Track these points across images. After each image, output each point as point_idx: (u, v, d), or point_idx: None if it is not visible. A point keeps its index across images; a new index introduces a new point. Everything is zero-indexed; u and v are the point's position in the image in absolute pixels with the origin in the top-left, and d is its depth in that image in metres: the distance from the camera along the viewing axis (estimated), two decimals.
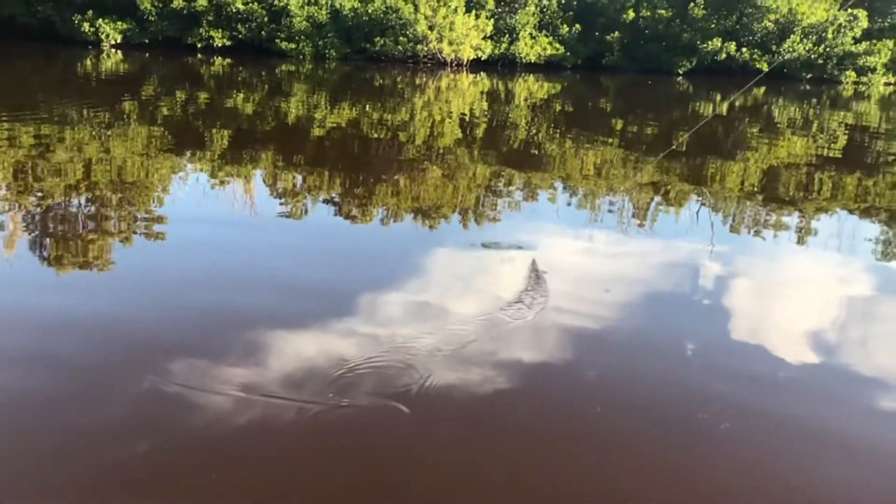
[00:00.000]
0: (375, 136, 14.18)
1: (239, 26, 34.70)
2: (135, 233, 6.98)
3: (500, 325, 5.00)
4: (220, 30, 34.69)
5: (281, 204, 8.60)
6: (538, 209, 8.68)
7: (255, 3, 34.63)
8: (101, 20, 34.07)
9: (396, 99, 21.60)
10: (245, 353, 4.44)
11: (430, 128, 15.64)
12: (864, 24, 33.90)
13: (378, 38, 33.54)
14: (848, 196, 10.39)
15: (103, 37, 34.06)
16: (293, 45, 33.88)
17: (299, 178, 9.99)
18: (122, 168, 9.73)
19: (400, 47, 33.19)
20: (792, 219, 8.87)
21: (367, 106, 18.89)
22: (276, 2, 34.39)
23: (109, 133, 12.31)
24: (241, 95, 19.80)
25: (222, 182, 9.52)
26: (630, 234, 7.70)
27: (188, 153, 11.22)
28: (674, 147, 13.39)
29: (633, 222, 8.27)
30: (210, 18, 34.63)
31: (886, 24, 34.93)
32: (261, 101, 19.14)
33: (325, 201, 8.74)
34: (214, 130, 13.51)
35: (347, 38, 34.50)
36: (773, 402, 4.21)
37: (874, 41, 34.27)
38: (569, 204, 9.24)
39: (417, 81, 27.39)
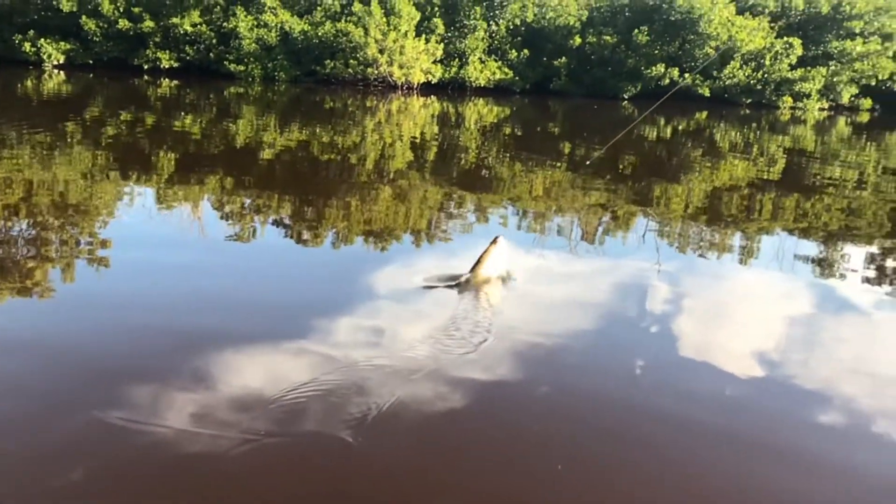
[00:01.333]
0: (326, 158, 14.14)
1: (187, 48, 34.36)
2: (77, 257, 6.81)
3: (449, 348, 5.00)
4: (167, 51, 34.29)
5: (229, 227, 8.50)
6: (489, 231, 8.75)
7: (204, 26, 34.36)
8: (42, 40, 33.38)
9: (347, 121, 21.60)
10: (187, 381, 4.35)
11: (381, 150, 15.67)
12: (799, 51, 35.23)
13: (328, 61, 33.55)
14: (787, 217, 10.73)
15: (45, 57, 33.35)
16: (242, 67, 33.66)
17: (248, 200, 9.89)
18: (64, 191, 9.50)
19: (350, 70, 33.24)
20: (734, 239, 9.12)
21: (318, 128, 18.83)
22: (224, 24, 34.18)
23: (51, 155, 12.01)
24: (189, 117, 19.56)
25: (169, 205, 9.36)
26: (579, 253, 7.81)
27: (134, 176, 11.01)
28: (591, 160, 13.71)
29: (582, 243, 8.39)
30: (157, 40, 34.23)
31: (820, 52, 36.36)
32: (209, 123, 18.93)
33: (275, 224, 8.67)
34: (161, 153, 13.30)
35: (297, 61, 34.43)
36: (718, 418, 4.30)
37: (809, 68, 35.63)
38: (518, 226, 9.34)
39: (368, 104, 27.44)
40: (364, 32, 32.63)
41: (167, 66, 34.29)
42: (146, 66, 34.30)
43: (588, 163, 14.24)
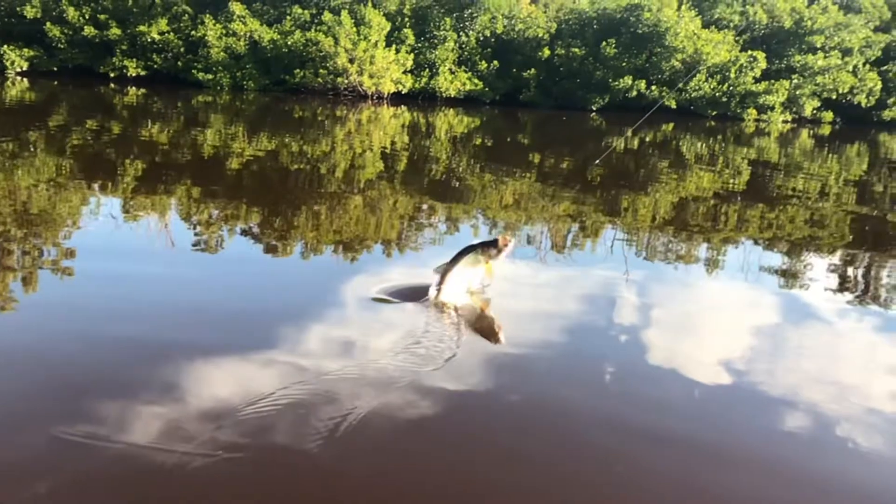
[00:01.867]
0: (295, 167, 14.07)
1: (154, 56, 34.03)
2: (40, 267, 6.68)
3: (417, 360, 4.98)
4: (134, 59, 33.93)
5: (197, 236, 8.40)
6: (459, 240, 8.76)
7: (172, 34, 34.07)
8: (5, 46, 32.84)
9: (317, 131, 21.52)
10: (152, 393, 4.27)
11: (351, 160, 15.63)
12: (763, 65, 35.92)
13: (298, 70, 33.43)
14: (752, 227, 10.90)
15: (8, 64, 32.80)
16: (210, 76, 33.40)
17: (216, 210, 9.79)
18: (27, 200, 9.33)
19: (320, 79, 33.16)
20: (701, 248, 9.24)
21: (287, 137, 18.74)
22: (193, 32, 33.93)
23: (13, 164, 11.79)
24: (157, 126, 19.34)
25: (135, 215, 9.24)
26: (548, 263, 7.85)
27: (100, 185, 10.85)
28: (599, 160, 13.91)
29: (552, 252, 8.44)
30: (124, 48, 33.86)
31: (783, 65, 37.11)
32: (177, 132, 18.73)
33: (243, 233, 8.59)
34: (128, 162, 13.12)
35: (266, 70, 34.26)
36: (687, 427, 4.35)
37: (772, 81, 36.33)
38: (489, 236, 9.36)
39: (338, 113, 27.38)
40: (334, 42, 32.59)
41: (134, 75, 33.92)
42: (112, 74, 33.89)
43: (597, 162, 15.03)
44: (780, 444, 4.24)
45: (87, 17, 33.87)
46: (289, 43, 33.50)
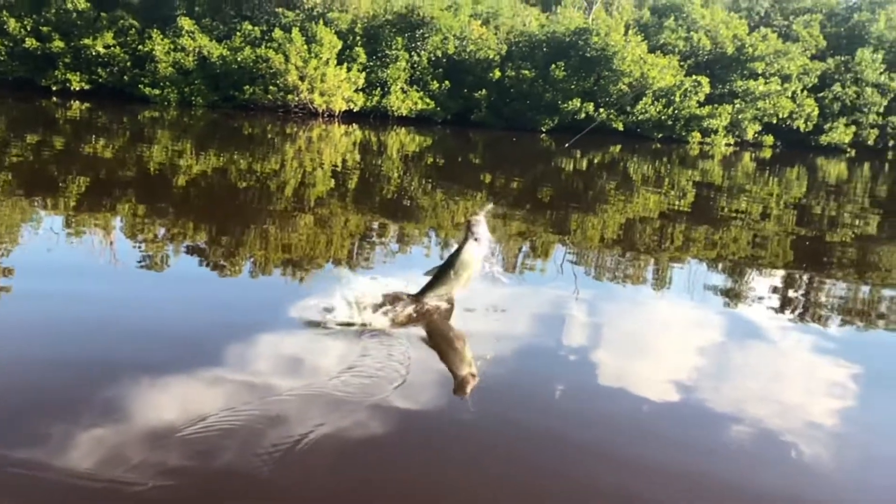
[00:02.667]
0: (244, 185, 13.88)
1: (99, 70, 33.33)
2: None
3: (366, 381, 4.92)
4: (77, 73, 33.16)
5: (142, 254, 8.19)
6: (409, 260, 8.74)
7: (118, 48, 33.43)
8: None
9: (266, 148, 21.30)
10: (92, 417, 4.14)
11: (301, 177, 15.50)
12: (707, 89, 36.91)
13: (247, 87, 33.10)
14: (697, 247, 11.13)
15: None
16: (157, 91, 32.83)
17: (162, 228, 9.58)
18: None
19: (270, 96, 32.87)
20: (648, 268, 9.39)
21: (236, 154, 18.50)
22: (140, 47, 33.34)
23: None
24: (101, 141, 18.90)
25: (78, 232, 8.98)
26: (499, 282, 7.86)
27: (40, 201, 10.52)
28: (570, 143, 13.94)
29: (502, 271, 8.45)
30: (67, 61, 33.07)
31: (726, 90, 38.19)
32: (122, 147, 18.33)
33: (190, 251, 8.42)
34: (70, 178, 12.77)
35: (215, 86, 33.84)
36: (636, 446, 4.38)
37: (716, 105, 37.35)
38: (441, 255, 9.35)
39: (288, 131, 27.17)
40: (284, 59, 32.38)
41: (77, 88, 33.13)
42: (55, 88, 33.06)
43: (567, 145, 15.44)
44: (725, 461, 4.29)
45: (28, 28, 33.03)
46: (238, 59, 33.17)
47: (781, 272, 9.68)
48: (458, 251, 6.16)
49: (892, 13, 42.16)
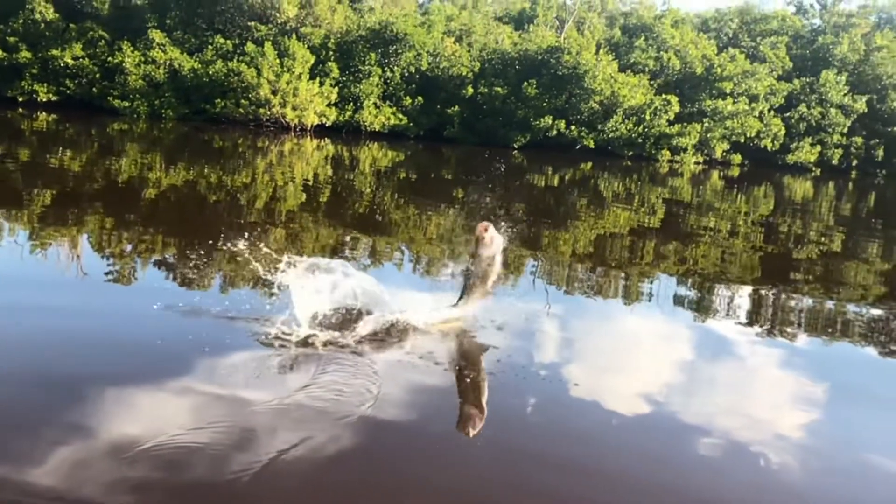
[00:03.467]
0: (214, 198, 13.74)
1: (67, 81, 32.93)
2: None
3: (338, 395, 4.86)
4: (45, 84, 32.73)
5: (110, 266, 8.05)
6: (383, 273, 8.68)
7: (87, 59, 33.08)
8: None
9: (237, 161, 21.14)
10: (58, 431, 4.03)
11: (273, 191, 15.39)
12: (676, 108, 37.45)
13: (219, 100, 32.90)
14: (667, 262, 11.22)
15: None
16: (127, 104, 32.50)
17: (130, 241, 9.43)
18: None
19: (241, 110, 32.69)
20: (619, 282, 9.43)
21: (206, 168, 18.33)
22: (109, 59, 33.01)
23: None
24: (69, 153, 18.61)
25: (45, 244, 8.80)
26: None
27: (5, 213, 10.30)
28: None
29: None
30: (34, 72, 32.64)
31: (695, 109, 38.77)
32: (90, 159, 18.07)
33: (158, 265, 8.28)
34: (37, 190, 12.54)
35: (186, 99, 33.59)
36: (608, 460, 4.37)
37: (685, 124, 37.88)
38: (414, 270, 9.32)
39: (259, 144, 27.02)
40: (257, 73, 32.25)
41: (45, 100, 32.68)
42: (21, 99, 32.57)
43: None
44: (695, 474, 4.30)
45: None
46: (210, 72, 32.98)
47: (749, 288, 9.79)
48: (477, 259, 6.31)
49: (855, 37, 43.20)
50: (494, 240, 6.21)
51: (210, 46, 34.39)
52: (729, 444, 4.69)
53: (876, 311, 8.97)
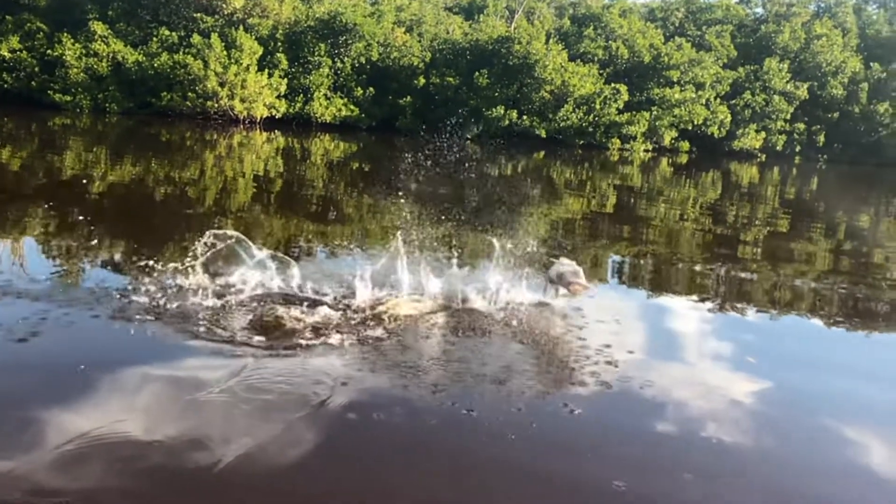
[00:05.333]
0: (162, 192, 13.43)
1: (4, 75, 31.82)
2: None
3: (291, 387, 4.80)
4: None
5: (55, 267, 7.79)
6: (338, 265, 8.59)
7: (25, 52, 32.01)
8: None
9: (185, 155, 20.70)
10: None
11: (222, 185, 15.11)
12: (626, 97, 37.94)
13: (165, 93, 32.19)
14: (621, 245, 11.35)
15: None
16: (69, 98, 31.59)
17: (75, 240, 9.14)
18: None
19: (189, 103, 32.03)
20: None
21: (153, 162, 17.91)
22: (49, 51, 31.99)
23: None
24: (7, 149, 17.99)
25: None
26: (427, 289, 7.79)
27: None
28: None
29: (432, 277, 8.37)
30: None
31: (643, 97, 39.32)
32: (30, 155, 17.49)
33: (105, 265, 8.05)
34: None
35: (131, 92, 32.78)
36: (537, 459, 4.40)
37: (634, 112, 38.40)
38: (368, 262, 9.23)
39: (208, 137, 26.51)
40: (203, 65, 31.62)
41: None
42: None
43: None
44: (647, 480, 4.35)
45: None
46: (155, 65, 32.22)
47: (699, 267, 9.95)
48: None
49: (796, 25, 44.30)
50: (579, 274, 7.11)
51: (155, 38, 33.59)
52: (685, 419, 4.76)
53: (817, 285, 9.23)
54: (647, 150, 39.61)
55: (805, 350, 6.90)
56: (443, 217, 12.56)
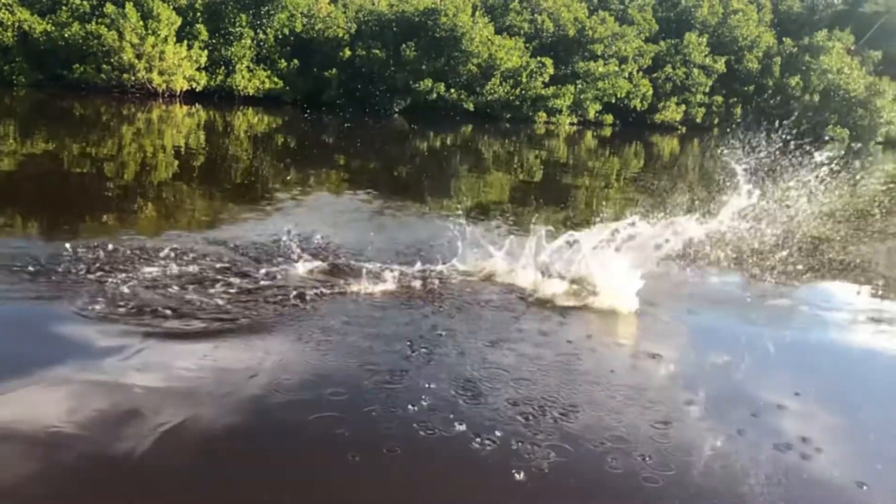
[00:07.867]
0: (77, 170, 12.89)
1: None
2: None
3: (230, 364, 4.73)
4: None
5: None
6: (273, 248, 8.44)
7: None
8: None
9: (101, 131, 19.88)
10: None
11: (141, 161, 14.60)
12: (551, 70, 38.20)
13: (77, 66, 30.68)
14: (546, 219, 11.52)
15: None
16: None
17: None
18: None
19: (103, 76, 30.65)
20: (496, 238, 9.58)
21: (66, 138, 17.14)
22: None
23: None
24: None
25: None
26: (353, 266, 7.75)
27: None
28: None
29: (364, 255, 8.33)
30: None
31: (569, 71, 39.71)
32: None
33: (14, 250, 7.70)
34: None
35: (39, 64, 31.12)
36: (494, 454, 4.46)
37: (560, 86, 38.76)
38: (303, 240, 9.10)
39: (125, 112, 25.52)
40: (118, 36, 30.25)
41: None
42: None
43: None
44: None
45: None
46: (66, 35, 30.63)
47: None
48: None
49: (714, 0, 45.42)
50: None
51: (64, 7, 31.85)
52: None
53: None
54: (572, 124, 40.11)
55: (726, 321, 7.14)
56: (372, 195, 12.48)
